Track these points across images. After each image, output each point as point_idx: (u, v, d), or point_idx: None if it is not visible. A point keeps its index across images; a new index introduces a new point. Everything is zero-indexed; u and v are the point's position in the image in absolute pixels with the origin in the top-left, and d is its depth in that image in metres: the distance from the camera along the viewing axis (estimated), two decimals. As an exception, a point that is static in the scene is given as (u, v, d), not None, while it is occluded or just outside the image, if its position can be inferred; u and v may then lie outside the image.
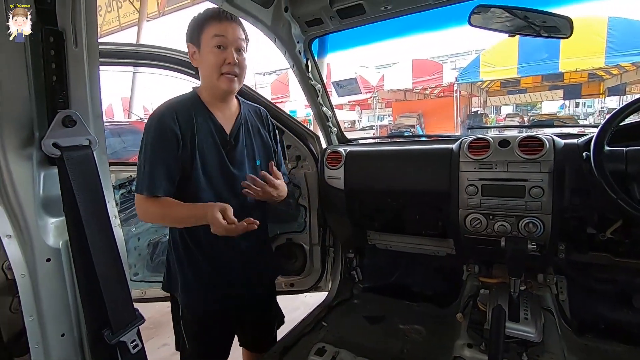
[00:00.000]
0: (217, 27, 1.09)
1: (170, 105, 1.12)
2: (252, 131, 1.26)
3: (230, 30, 1.10)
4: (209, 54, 1.10)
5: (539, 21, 1.24)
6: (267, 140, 1.31)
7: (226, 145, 1.17)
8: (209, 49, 1.09)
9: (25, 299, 0.61)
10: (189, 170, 1.10)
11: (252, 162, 1.23)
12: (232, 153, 1.17)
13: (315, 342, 1.54)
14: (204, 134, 1.12)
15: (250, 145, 1.23)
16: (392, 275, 2.02)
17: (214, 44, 1.09)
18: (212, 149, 1.13)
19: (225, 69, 1.10)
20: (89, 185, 0.63)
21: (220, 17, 1.10)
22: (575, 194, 1.26)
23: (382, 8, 1.36)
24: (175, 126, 1.07)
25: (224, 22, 1.10)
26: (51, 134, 0.60)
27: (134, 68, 5.08)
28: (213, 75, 1.11)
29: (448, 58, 20.80)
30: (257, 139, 1.27)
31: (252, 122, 1.28)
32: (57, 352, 0.65)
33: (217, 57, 1.09)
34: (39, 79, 0.60)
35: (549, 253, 1.35)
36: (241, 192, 1.14)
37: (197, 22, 1.12)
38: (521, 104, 22.17)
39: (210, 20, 1.10)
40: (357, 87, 6.78)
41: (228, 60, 1.09)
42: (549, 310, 1.47)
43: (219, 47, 1.09)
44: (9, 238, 0.60)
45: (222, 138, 1.16)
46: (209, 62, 1.10)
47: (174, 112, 1.09)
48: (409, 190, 1.57)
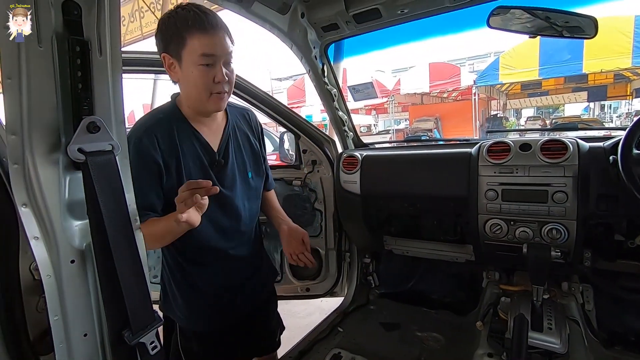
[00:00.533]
0: (203, 42, 0.91)
1: (148, 127, 0.98)
2: (241, 142, 1.15)
3: (219, 43, 0.93)
4: (193, 72, 0.94)
5: (562, 21, 1.21)
6: (257, 147, 1.20)
7: (215, 166, 1.06)
8: (194, 66, 0.93)
9: (50, 299, 0.63)
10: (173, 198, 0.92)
11: (244, 176, 1.13)
12: (222, 173, 1.07)
13: (330, 348, 1.53)
14: (190, 157, 1.01)
15: (241, 160, 1.13)
16: (409, 281, 1.99)
17: (200, 62, 0.93)
18: (199, 173, 1.02)
19: (216, 89, 0.96)
20: (112, 189, 0.64)
21: (206, 27, 0.91)
22: (602, 200, 1.21)
23: (398, 12, 1.36)
24: (156, 153, 0.95)
25: (210, 35, 0.92)
26: (76, 140, 0.62)
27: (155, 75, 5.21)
28: (201, 96, 0.97)
29: (466, 61, 20.47)
30: (247, 149, 1.16)
31: (241, 130, 1.17)
32: (80, 351, 0.66)
33: (205, 77, 0.94)
34: (65, 87, 0.62)
35: (573, 260, 1.30)
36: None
37: (176, 31, 0.92)
38: (542, 107, 21.57)
39: (194, 31, 0.91)
40: (373, 91, 6.76)
41: (217, 79, 0.95)
42: (574, 320, 1.41)
43: (206, 65, 0.93)
44: (37, 240, 0.62)
45: (210, 158, 1.05)
46: (194, 81, 0.95)
47: (153, 136, 0.96)
48: (427, 195, 1.55)
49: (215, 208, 1.05)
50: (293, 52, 1.59)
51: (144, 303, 0.67)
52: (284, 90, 15.88)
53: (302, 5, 1.41)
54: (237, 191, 1.11)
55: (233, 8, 1.26)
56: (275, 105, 1.71)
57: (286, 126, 1.78)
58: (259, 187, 1.22)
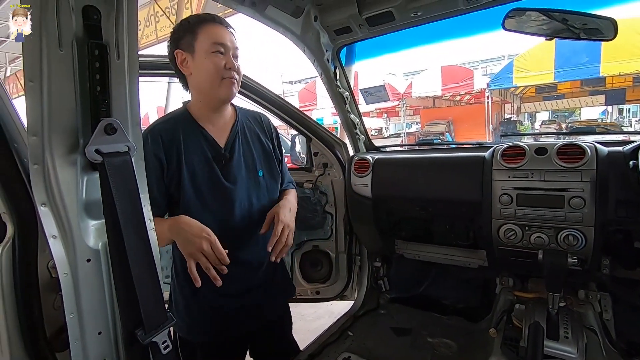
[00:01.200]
0: (214, 32, 1.02)
1: (155, 126, 1.06)
2: (251, 140, 1.16)
3: (228, 36, 1.04)
4: (206, 59, 1.01)
5: (579, 23, 1.18)
6: (269, 148, 1.21)
7: (220, 159, 1.08)
8: (206, 54, 1.01)
9: (67, 297, 0.64)
10: (175, 190, 1.04)
11: (253, 173, 1.14)
12: (227, 167, 1.09)
13: (340, 352, 1.52)
14: (193, 151, 1.05)
15: (249, 156, 1.14)
16: (421, 286, 1.97)
17: (213, 50, 1.01)
18: (203, 166, 1.06)
19: (227, 74, 1.04)
20: (127, 190, 0.65)
21: (216, 20, 1.04)
22: (621, 206, 1.17)
23: (411, 15, 1.35)
24: (159, 150, 1.01)
25: (221, 27, 1.03)
26: (94, 141, 0.63)
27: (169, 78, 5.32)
28: (213, 82, 1.03)
29: (479, 64, 20.28)
30: (257, 147, 1.18)
31: (251, 129, 1.18)
32: (95, 349, 0.67)
33: (217, 62, 1.02)
34: (84, 90, 0.64)
35: (591, 268, 1.26)
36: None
37: (190, 27, 1.03)
38: (558, 110, 21.16)
39: (207, 24, 1.02)
40: (385, 94, 6.74)
41: (228, 65, 1.03)
42: (591, 330, 1.37)
43: (218, 53, 1.02)
44: (54, 239, 0.64)
45: (215, 152, 1.08)
46: (207, 68, 1.02)
47: (158, 134, 1.03)
48: (439, 199, 1.53)
49: (218, 203, 1.07)
50: (305, 55, 1.60)
51: (157, 303, 0.68)
52: (295, 94, 15.98)
53: (315, 9, 1.42)
54: (242, 185, 1.10)
55: (247, 12, 1.27)
56: (287, 108, 1.72)
57: (298, 129, 1.79)
58: (272, 188, 1.19)
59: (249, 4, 1.24)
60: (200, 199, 1.05)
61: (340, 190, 1.84)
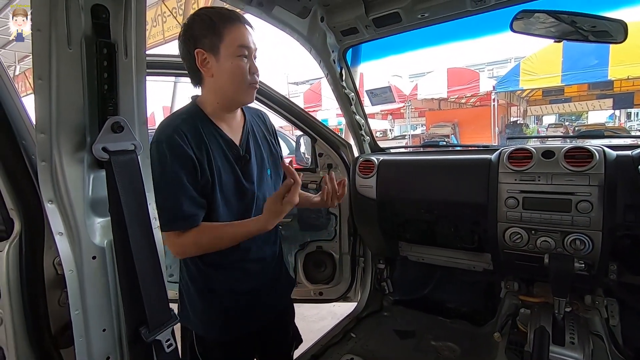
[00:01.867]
0: (241, 34, 0.97)
1: (176, 125, 0.98)
2: (259, 139, 1.16)
3: (252, 38, 1.00)
4: (232, 63, 0.97)
5: (588, 26, 1.17)
6: (273, 146, 1.21)
7: (240, 161, 1.07)
8: (232, 58, 0.97)
9: (72, 294, 0.64)
10: (209, 195, 1.00)
11: (263, 173, 1.13)
12: (246, 168, 1.08)
13: (343, 353, 1.52)
14: (217, 153, 1.02)
15: (260, 155, 1.14)
16: (424, 288, 1.96)
17: (239, 54, 0.97)
18: (227, 168, 1.03)
19: (252, 79, 1.01)
20: (133, 188, 0.66)
21: (242, 20, 0.98)
22: (630, 210, 1.16)
23: (418, 16, 1.35)
24: (189, 150, 0.95)
25: (246, 28, 0.98)
26: (101, 139, 0.63)
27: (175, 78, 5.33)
28: (239, 87, 1.00)
29: (485, 66, 20.15)
30: (265, 146, 1.17)
31: (257, 128, 1.18)
32: (99, 346, 0.68)
33: (243, 68, 0.98)
34: (92, 88, 0.64)
35: (598, 273, 1.25)
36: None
37: (212, 26, 0.96)
38: (565, 114, 20.99)
39: (233, 24, 0.96)
40: (391, 96, 6.74)
41: (253, 70, 1.01)
42: (598, 336, 1.36)
43: (244, 57, 0.98)
44: (61, 235, 0.64)
45: (235, 154, 1.06)
46: (232, 73, 0.98)
47: (182, 134, 0.96)
48: (444, 201, 1.52)
49: (238, 204, 1.06)
50: (312, 56, 1.60)
51: (161, 301, 0.68)
52: (300, 94, 15.98)
53: (322, 9, 1.42)
54: (257, 184, 1.10)
55: (254, 12, 1.27)
56: (293, 109, 1.72)
57: (303, 129, 1.79)
58: (277, 185, 1.21)
59: (256, 4, 1.25)
60: (225, 199, 1.04)
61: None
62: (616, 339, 1.37)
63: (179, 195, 0.94)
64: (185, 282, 1.14)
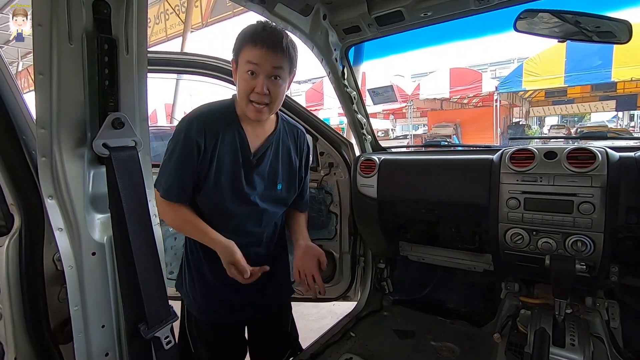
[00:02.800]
0: (251, 52, 1.00)
1: (202, 113, 1.09)
2: (281, 154, 1.18)
3: (265, 56, 1.00)
4: (241, 78, 1.04)
5: (592, 26, 1.16)
6: (296, 165, 1.23)
7: (247, 164, 1.11)
8: (242, 72, 1.03)
9: (71, 290, 0.65)
10: (202, 181, 1.08)
11: (272, 186, 1.17)
12: (250, 173, 1.12)
13: (342, 353, 1.51)
14: (227, 148, 1.08)
15: (274, 169, 1.16)
16: (425, 288, 1.95)
17: (246, 70, 1.02)
18: (230, 164, 1.09)
19: (254, 98, 1.03)
20: (133, 184, 0.66)
21: (256, 41, 1.00)
22: (632, 212, 1.15)
23: (421, 15, 1.34)
24: (200, 137, 1.04)
25: (259, 48, 1.00)
26: (101, 135, 0.63)
27: (177, 75, 5.35)
28: (242, 101, 1.06)
29: (488, 67, 20.09)
30: (285, 162, 1.19)
31: (285, 143, 1.20)
32: (98, 342, 0.68)
33: (247, 84, 1.02)
34: (93, 84, 0.64)
35: (599, 275, 1.24)
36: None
37: (238, 41, 1.04)
38: (567, 115, 20.92)
39: (247, 42, 1.01)
40: (393, 95, 6.73)
41: (257, 89, 1.02)
42: (598, 338, 1.35)
43: (251, 74, 1.02)
44: (61, 231, 0.64)
45: (245, 156, 1.11)
46: (240, 86, 1.05)
47: (203, 122, 1.06)
48: (445, 201, 1.51)
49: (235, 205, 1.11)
50: (314, 54, 1.59)
51: (160, 298, 0.68)
52: (302, 93, 15.97)
53: (324, 7, 1.41)
54: (259, 193, 1.14)
55: (257, 9, 1.27)
56: (294, 107, 1.72)
57: (304, 128, 1.78)
58: (286, 198, 1.23)
59: (258, 1, 1.24)
60: (220, 195, 1.09)
61: (345, 190, 1.83)
62: (616, 341, 1.36)
63: (172, 173, 1.06)
64: (186, 258, 1.23)
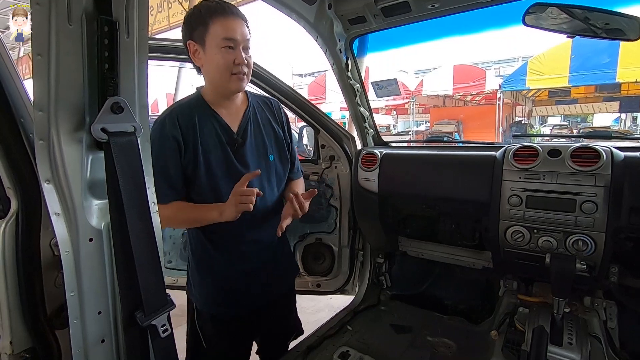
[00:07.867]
0: (225, 27, 1.00)
1: (172, 110, 1.09)
2: (262, 125, 1.19)
3: (239, 29, 1.02)
4: (216, 54, 1.02)
5: (601, 23, 1.14)
6: (280, 133, 1.23)
7: (233, 144, 1.11)
8: (217, 49, 1.01)
9: (67, 275, 0.64)
10: (192, 174, 1.07)
11: (264, 158, 1.17)
12: (240, 151, 1.12)
13: (339, 346, 1.52)
14: (208, 135, 1.08)
15: (260, 141, 1.17)
16: (423, 284, 1.95)
17: (223, 45, 1.01)
18: (217, 150, 1.09)
19: (235, 70, 1.04)
20: (132, 171, 0.64)
21: (227, 13, 1.00)
22: (635, 213, 1.14)
23: (429, 6, 1.32)
24: (176, 131, 1.04)
25: (231, 20, 1.00)
26: (100, 119, 0.62)
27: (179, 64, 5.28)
28: (223, 76, 1.04)
29: (492, 65, 19.98)
30: (269, 132, 1.20)
31: (262, 115, 1.20)
32: (94, 328, 0.67)
33: (226, 58, 1.02)
34: (92, 67, 0.63)
35: (599, 275, 1.24)
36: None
37: (201, 18, 1.01)
38: (570, 115, 20.83)
39: (217, 16, 1.00)
40: (396, 88, 6.68)
41: (237, 60, 1.02)
42: (595, 337, 1.35)
43: (229, 48, 1.01)
44: (57, 216, 0.63)
45: (229, 137, 1.11)
46: (217, 63, 1.03)
47: (175, 117, 1.06)
48: (446, 197, 1.51)
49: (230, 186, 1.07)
50: (318, 45, 1.57)
51: (157, 286, 0.67)
52: (305, 86, 15.89)
53: (329, -3, 1.39)
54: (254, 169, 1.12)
55: (260, -3, 1.25)
56: (297, 99, 1.70)
57: (306, 120, 1.77)
58: (282, 172, 1.23)
59: (262, -11, 1.22)
60: (214, 182, 1.09)
61: (346, 184, 1.82)
62: (613, 342, 1.36)
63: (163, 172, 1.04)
64: (189, 255, 1.22)
